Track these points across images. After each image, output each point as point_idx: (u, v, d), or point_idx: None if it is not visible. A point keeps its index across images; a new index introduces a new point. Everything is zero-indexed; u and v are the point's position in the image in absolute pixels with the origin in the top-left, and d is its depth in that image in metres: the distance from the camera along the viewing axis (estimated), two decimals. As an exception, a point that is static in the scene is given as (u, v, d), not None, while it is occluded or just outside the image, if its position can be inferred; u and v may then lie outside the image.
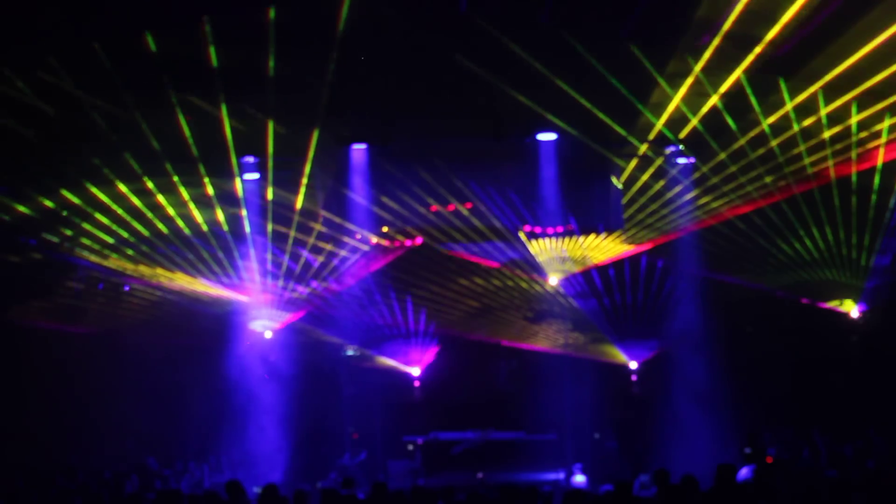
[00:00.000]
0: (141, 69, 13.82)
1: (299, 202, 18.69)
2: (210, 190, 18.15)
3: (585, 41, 13.72)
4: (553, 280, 20.36)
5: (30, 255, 18.86)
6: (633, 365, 21.10)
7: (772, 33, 13.40)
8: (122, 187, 17.53)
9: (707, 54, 14.24)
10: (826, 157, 17.05)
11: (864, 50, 13.66)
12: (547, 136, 18.15)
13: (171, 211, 18.42)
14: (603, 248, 20.07)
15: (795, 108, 15.77)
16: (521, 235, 19.49)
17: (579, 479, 17.27)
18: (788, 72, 14.69)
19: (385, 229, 19.33)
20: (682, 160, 18.55)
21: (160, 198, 18.06)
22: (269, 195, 18.59)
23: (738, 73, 14.71)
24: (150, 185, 17.57)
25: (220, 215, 18.74)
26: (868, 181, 17.58)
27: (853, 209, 18.24)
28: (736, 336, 19.51)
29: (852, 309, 19.65)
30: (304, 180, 18.33)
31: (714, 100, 15.69)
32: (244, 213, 18.89)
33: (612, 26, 13.40)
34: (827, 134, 16.36)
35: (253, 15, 12.96)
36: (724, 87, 15.28)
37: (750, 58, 14.18)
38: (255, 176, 18.82)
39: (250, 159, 18.49)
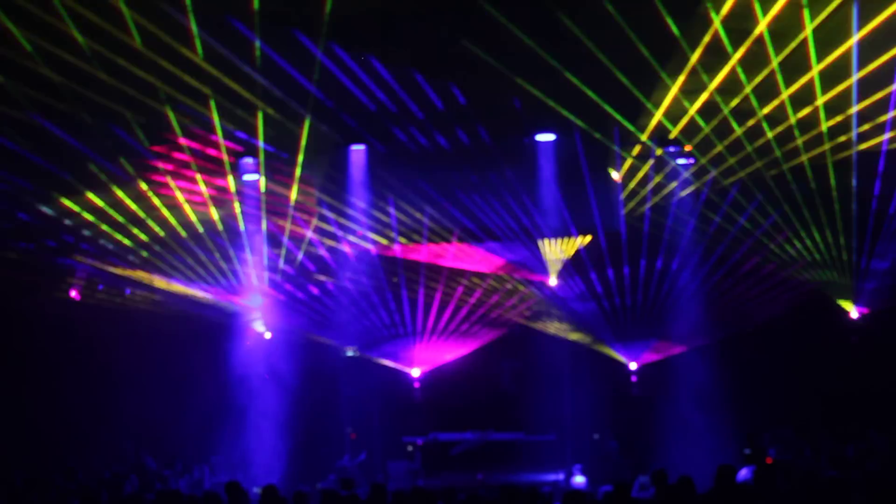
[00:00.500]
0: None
1: (293, 196, 18.68)
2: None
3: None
4: (553, 281, 20.36)
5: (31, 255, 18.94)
6: (633, 366, 21.08)
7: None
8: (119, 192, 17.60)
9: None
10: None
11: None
12: (545, 137, 18.15)
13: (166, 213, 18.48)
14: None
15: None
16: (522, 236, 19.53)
17: (579, 479, 17.26)
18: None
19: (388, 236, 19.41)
20: (681, 160, 18.53)
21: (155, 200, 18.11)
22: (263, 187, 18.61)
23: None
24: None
25: (214, 215, 18.77)
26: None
27: (853, 212, 18.27)
28: (736, 337, 19.50)
29: (851, 310, 19.66)
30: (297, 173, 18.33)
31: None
32: (241, 212, 18.92)
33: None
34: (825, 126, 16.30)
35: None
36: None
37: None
38: (255, 177, 18.81)
39: (249, 160, 18.48)
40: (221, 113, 15.69)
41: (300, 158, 17.44)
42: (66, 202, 17.71)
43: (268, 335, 20.20)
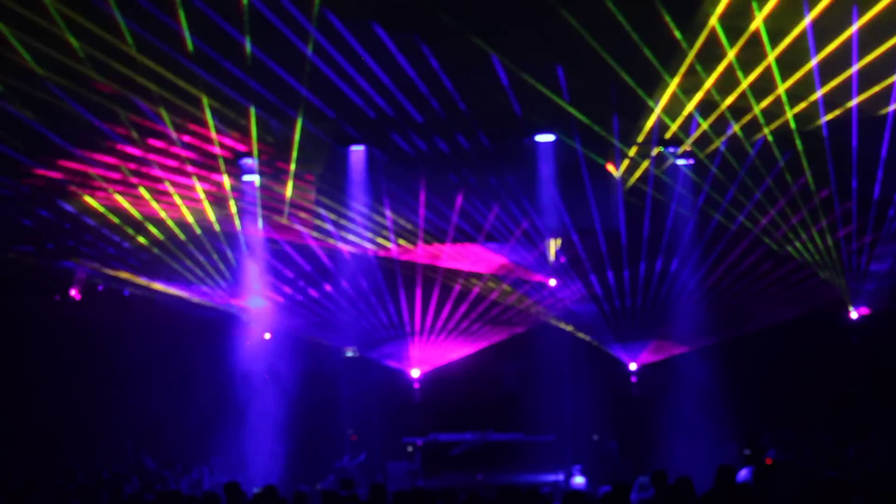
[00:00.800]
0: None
1: (289, 192, 18.71)
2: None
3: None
4: (553, 281, 20.36)
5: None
6: (633, 366, 21.07)
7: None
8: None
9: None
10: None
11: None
12: (545, 138, 18.14)
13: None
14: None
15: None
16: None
17: (579, 480, 17.25)
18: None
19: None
20: (681, 161, 18.53)
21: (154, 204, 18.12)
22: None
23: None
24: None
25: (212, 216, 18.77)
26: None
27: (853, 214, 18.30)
28: (736, 337, 19.48)
29: (851, 311, 19.65)
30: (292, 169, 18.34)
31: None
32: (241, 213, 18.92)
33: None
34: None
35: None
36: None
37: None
38: (255, 178, 18.80)
39: (249, 161, 18.46)
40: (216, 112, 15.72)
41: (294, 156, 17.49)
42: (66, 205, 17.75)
43: (268, 335, 20.18)
